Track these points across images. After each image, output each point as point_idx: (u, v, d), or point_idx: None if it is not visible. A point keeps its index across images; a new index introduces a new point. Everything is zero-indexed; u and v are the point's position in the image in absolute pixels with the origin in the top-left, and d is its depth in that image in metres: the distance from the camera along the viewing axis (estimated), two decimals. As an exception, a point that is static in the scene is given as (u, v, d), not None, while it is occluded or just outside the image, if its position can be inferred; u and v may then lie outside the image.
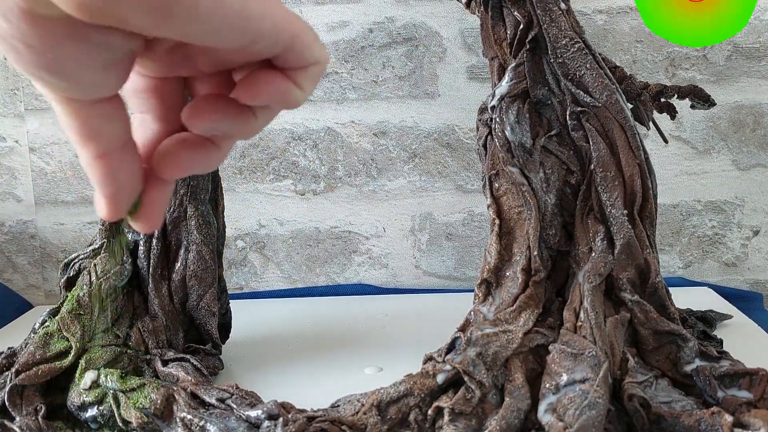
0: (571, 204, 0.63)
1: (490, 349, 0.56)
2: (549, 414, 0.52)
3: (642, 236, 0.61)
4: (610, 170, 0.61)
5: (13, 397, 0.58)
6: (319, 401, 0.56)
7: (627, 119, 0.62)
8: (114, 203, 0.27)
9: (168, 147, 0.28)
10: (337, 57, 1.00)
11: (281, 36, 0.25)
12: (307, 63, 0.27)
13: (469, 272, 1.04)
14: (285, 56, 0.26)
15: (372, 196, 1.03)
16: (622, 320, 0.59)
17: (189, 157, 0.28)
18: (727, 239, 1.02)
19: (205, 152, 0.28)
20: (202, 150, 0.28)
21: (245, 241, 1.05)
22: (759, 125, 0.99)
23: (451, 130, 1.01)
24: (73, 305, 0.65)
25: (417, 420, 0.53)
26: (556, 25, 0.63)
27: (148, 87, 0.28)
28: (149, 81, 0.28)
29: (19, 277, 1.06)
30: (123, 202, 0.27)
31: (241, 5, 0.23)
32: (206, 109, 0.27)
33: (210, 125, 0.27)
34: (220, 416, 0.55)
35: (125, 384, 0.59)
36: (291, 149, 1.02)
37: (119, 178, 0.26)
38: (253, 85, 0.26)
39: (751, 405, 0.53)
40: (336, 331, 0.85)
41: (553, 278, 0.63)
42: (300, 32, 0.26)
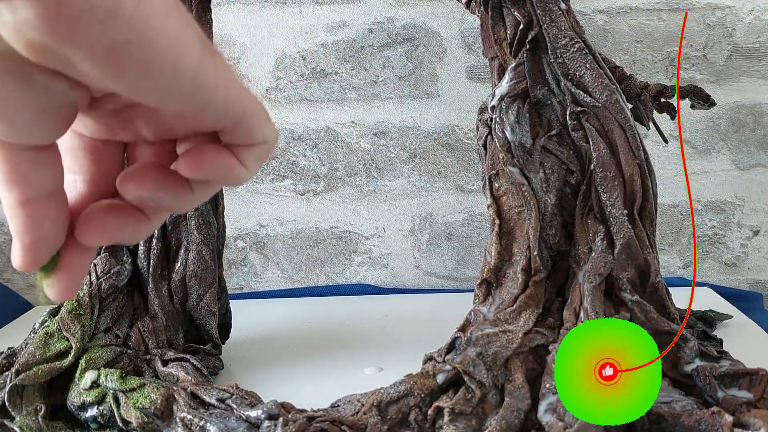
0: (571, 204, 0.63)
1: (490, 349, 0.56)
2: (549, 414, 0.52)
3: (642, 236, 0.61)
4: (610, 170, 0.61)
5: (13, 397, 0.58)
6: (319, 401, 0.56)
7: (627, 119, 0.62)
8: (30, 254, 0.25)
9: (94, 212, 0.26)
10: (337, 57, 1.00)
11: (232, 109, 0.24)
12: (255, 141, 0.26)
13: (469, 272, 1.04)
14: (233, 131, 0.25)
15: (372, 196, 1.03)
16: (622, 320, 0.59)
17: (115, 226, 0.26)
18: (727, 239, 1.02)
19: (133, 222, 0.26)
20: (131, 220, 0.26)
21: (245, 241, 1.05)
22: (759, 125, 0.99)
23: (451, 130, 1.01)
24: (73, 305, 0.65)
25: (417, 420, 0.53)
26: (556, 25, 0.63)
27: (86, 147, 0.27)
28: (87, 141, 0.27)
29: (19, 277, 1.06)
30: (40, 254, 0.25)
31: (196, 70, 0.22)
32: (144, 176, 0.26)
33: (146, 193, 0.26)
34: (220, 416, 0.55)
35: (125, 384, 0.59)
36: (291, 149, 1.02)
37: (40, 228, 0.25)
38: (197, 159, 0.25)
39: (751, 405, 0.53)
40: (336, 331, 0.85)
41: (553, 278, 0.63)
42: (251, 108, 0.25)
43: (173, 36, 0.22)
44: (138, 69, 0.21)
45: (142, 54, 0.21)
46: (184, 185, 0.26)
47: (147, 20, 0.21)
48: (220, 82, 0.24)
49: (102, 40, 0.20)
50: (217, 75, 0.23)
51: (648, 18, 0.97)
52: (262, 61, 1.00)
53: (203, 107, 0.24)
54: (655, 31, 0.97)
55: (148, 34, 0.21)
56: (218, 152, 0.25)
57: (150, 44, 0.21)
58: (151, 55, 0.21)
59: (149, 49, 0.21)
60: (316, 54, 1.00)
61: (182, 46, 0.22)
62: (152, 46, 0.21)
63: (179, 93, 0.23)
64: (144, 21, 0.21)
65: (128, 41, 0.20)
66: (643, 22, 0.97)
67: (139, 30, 0.21)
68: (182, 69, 0.22)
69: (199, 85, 0.23)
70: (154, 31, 0.21)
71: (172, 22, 0.22)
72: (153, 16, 0.21)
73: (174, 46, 0.22)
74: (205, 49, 0.23)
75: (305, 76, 1.01)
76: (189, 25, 0.23)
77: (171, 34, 0.21)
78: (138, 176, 0.26)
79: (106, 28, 0.20)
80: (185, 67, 0.22)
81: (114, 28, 0.20)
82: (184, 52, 0.22)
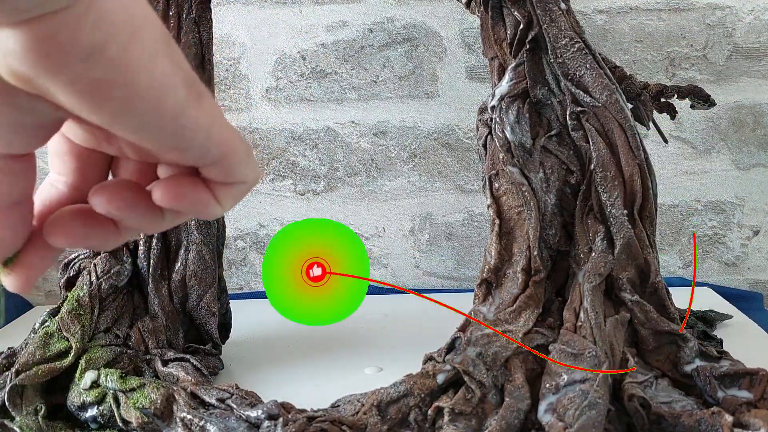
0: (571, 204, 0.63)
1: (490, 349, 0.56)
2: (549, 414, 0.52)
3: (642, 236, 0.61)
4: (610, 170, 0.61)
5: (13, 397, 0.58)
6: (319, 401, 0.56)
7: (627, 119, 0.62)
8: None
9: (64, 215, 0.26)
10: (337, 57, 1.00)
11: (213, 149, 0.24)
12: (233, 180, 0.26)
13: (469, 272, 1.04)
14: (212, 169, 0.25)
15: (372, 196, 1.03)
16: (622, 320, 0.59)
17: (82, 232, 0.26)
18: (727, 239, 1.02)
19: (101, 232, 0.26)
20: (99, 230, 0.26)
21: (245, 241, 1.05)
22: (759, 125, 0.99)
23: (451, 130, 1.01)
24: (73, 305, 0.65)
25: (417, 420, 0.53)
26: (556, 25, 0.63)
27: (72, 152, 0.27)
28: (74, 147, 0.27)
29: (19, 277, 1.06)
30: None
31: (179, 112, 0.22)
32: (117, 194, 0.26)
33: (114, 211, 0.26)
34: (220, 416, 0.55)
35: (125, 384, 0.59)
36: (291, 149, 1.02)
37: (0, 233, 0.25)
38: (173, 190, 0.25)
39: (751, 405, 0.53)
40: (336, 331, 0.85)
41: (553, 278, 0.63)
42: (233, 149, 0.25)
43: (158, 78, 0.22)
44: (118, 107, 0.21)
45: (124, 93, 0.21)
46: (156, 210, 0.26)
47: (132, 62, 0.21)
48: (203, 125, 0.23)
49: (83, 77, 0.20)
50: (199, 118, 0.23)
51: (648, 18, 0.97)
52: (262, 61, 1.00)
53: (184, 149, 0.24)
54: (655, 31, 0.97)
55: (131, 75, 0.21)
56: (195, 186, 0.25)
57: (132, 85, 0.21)
58: (133, 95, 0.21)
59: (131, 90, 0.21)
60: (316, 54, 1.00)
61: (167, 89, 0.22)
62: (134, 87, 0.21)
63: (159, 133, 0.23)
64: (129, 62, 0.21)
65: (110, 81, 0.21)
66: (643, 22, 0.97)
67: (122, 70, 0.21)
68: (164, 111, 0.22)
69: (181, 127, 0.23)
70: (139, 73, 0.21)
71: (159, 65, 0.22)
72: (139, 59, 0.21)
73: (158, 88, 0.22)
74: (191, 91, 0.23)
75: (305, 76, 1.01)
76: (178, 68, 0.22)
77: (156, 76, 0.21)
78: (111, 192, 0.25)
79: (89, 66, 0.20)
80: (167, 110, 0.22)
81: (97, 67, 0.20)
82: (168, 94, 0.22)
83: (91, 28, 0.20)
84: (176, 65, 0.22)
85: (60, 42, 0.19)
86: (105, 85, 0.21)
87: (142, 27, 0.21)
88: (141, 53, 0.21)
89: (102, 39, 0.20)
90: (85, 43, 0.20)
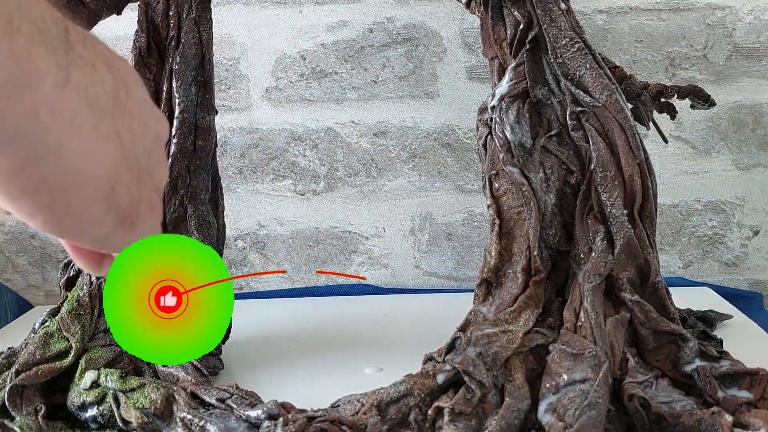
0: (571, 204, 0.63)
1: (490, 349, 0.56)
2: (549, 414, 0.52)
3: (642, 236, 0.61)
4: (610, 170, 0.61)
5: (13, 397, 0.58)
6: (319, 401, 0.56)
7: (627, 119, 0.62)
8: None
9: None
10: (337, 57, 1.00)
11: None
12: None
13: (469, 272, 1.04)
14: None
15: (372, 196, 1.03)
16: (622, 320, 0.59)
17: None
18: (727, 239, 1.02)
19: None
20: None
21: (245, 241, 1.05)
22: (759, 125, 0.99)
23: (451, 130, 1.01)
24: (73, 305, 0.65)
25: (417, 420, 0.53)
26: (556, 25, 0.63)
27: None
28: None
29: (19, 277, 1.06)
30: None
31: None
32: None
33: None
34: (220, 416, 0.55)
35: (125, 384, 0.59)
36: (291, 149, 1.02)
37: None
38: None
39: (751, 405, 0.53)
40: (336, 331, 0.85)
41: (553, 278, 0.63)
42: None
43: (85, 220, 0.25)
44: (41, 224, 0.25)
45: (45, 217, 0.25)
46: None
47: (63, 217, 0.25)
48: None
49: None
50: None
51: (648, 18, 0.97)
52: (262, 61, 1.00)
53: None
54: (655, 31, 0.97)
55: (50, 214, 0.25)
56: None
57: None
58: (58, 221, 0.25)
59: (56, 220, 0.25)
60: (316, 54, 1.00)
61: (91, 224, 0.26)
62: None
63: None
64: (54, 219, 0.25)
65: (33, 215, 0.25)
66: (643, 22, 0.97)
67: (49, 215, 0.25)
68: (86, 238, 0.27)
69: None
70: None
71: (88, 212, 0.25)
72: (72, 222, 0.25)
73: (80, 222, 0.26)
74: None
75: (305, 76, 1.01)
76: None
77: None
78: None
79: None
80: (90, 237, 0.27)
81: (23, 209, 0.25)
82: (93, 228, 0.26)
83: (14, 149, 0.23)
84: (111, 207, 0.26)
85: None
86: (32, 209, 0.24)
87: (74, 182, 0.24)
88: (70, 205, 0.25)
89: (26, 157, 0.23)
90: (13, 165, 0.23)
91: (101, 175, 0.25)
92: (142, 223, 0.27)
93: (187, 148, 0.70)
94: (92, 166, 0.24)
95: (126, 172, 0.26)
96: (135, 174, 0.26)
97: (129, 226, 0.27)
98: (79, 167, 0.24)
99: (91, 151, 0.24)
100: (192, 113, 0.70)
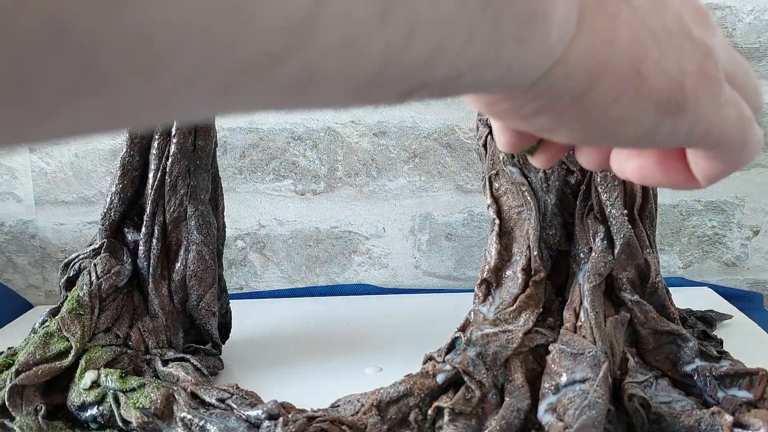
0: (571, 204, 0.63)
1: (490, 349, 0.56)
2: (549, 414, 0.52)
3: (642, 236, 0.61)
4: (610, 170, 0.61)
5: (13, 397, 0.58)
6: (319, 401, 0.56)
7: (627, 119, 0.62)
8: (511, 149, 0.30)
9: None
10: (337, 57, 1.00)
11: (698, 143, 0.24)
12: (719, 168, 0.25)
13: (469, 272, 1.04)
14: (696, 153, 0.25)
15: (372, 196, 1.03)
16: (622, 320, 0.59)
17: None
18: (727, 239, 1.02)
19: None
20: None
21: (245, 241, 1.05)
22: (759, 125, 0.99)
23: (451, 130, 1.01)
24: (73, 305, 0.65)
25: (417, 420, 0.53)
26: (556, 25, 0.63)
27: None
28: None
29: (19, 277, 1.06)
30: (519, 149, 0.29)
31: (641, 135, 0.22)
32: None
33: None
34: (220, 416, 0.55)
35: (125, 384, 0.59)
36: (291, 149, 1.02)
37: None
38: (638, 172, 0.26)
39: (751, 405, 0.53)
40: (336, 331, 0.85)
41: (553, 278, 0.63)
42: (724, 143, 0.24)
43: (614, 119, 0.22)
44: (568, 138, 0.23)
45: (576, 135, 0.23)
46: None
47: (583, 111, 0.21)
48: (682, 131, 0.23)
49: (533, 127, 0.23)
50: (677, 126, 0.22)
51: (648, 18, 0.97)
52: (262, 61, 1.00)
53: (648, 149, 0.25)
54: (655, 31, 0.97)
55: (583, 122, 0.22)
56: (668, 166, 0.26)
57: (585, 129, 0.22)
58: (587, 135, 0.22)
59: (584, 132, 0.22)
60: (316, 54, 1.00)
61: (624, 124, 0.22)
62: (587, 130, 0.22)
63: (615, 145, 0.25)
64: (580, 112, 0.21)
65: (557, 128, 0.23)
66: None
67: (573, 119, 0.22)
68: (622, 139, 0.23)
69: (645, 142, 0.23)
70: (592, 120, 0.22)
71: (617, 107, 0.21)
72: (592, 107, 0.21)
73: (614, 126, 0.22)
74: (666, 110, 0.22)
75: (305, 76, 1.00)
76: (647, 96, 0.21)
77: (613, 117, 0.22)
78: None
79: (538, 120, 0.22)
80: (626, 138, 0.22)
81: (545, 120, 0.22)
82: (627, 127, 0.22)
83: (534, 98, 0.21)
84: (642, 97, 0.21)
85: (508, 107, 0.21)
86: (551, 129, 0.22)
87: (597, 79, 0.20)
88: (590, 104, 0.21)
89: (547, 103, 0.21)
90: (532, 107, 0.21)
91: (620, 58, 0.20)
92: (693, 101, 0.22)
93: (187, 148, 0.70)
94: None
95: (652, 46, 0.21)
96: (665, 44, 0.21)
97: (675, 110, 0.22)
98: None
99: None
100: (192, 113, 0.70)
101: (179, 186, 0.70)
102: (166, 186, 0.70)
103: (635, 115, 0.21)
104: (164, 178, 0.70)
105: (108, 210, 0.71)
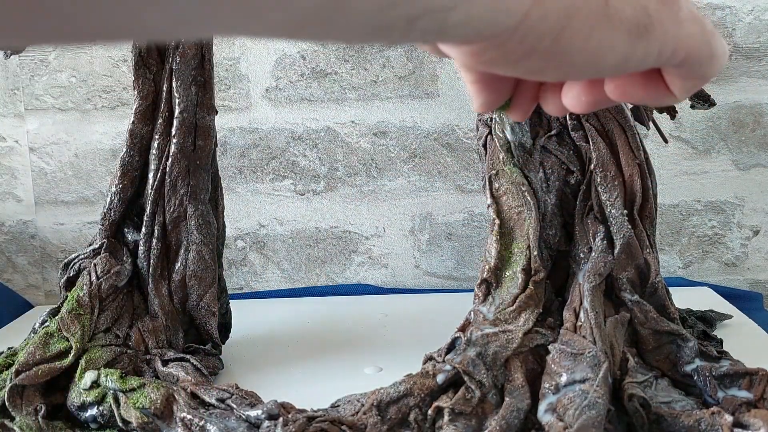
0: (571, 204, 0.63)
1: (490, 349, 0.56)
2: (549, 414, 0.52)
3: (642, 236, 0.61)
4: (610, 170, 0.61)
5: (13, 397, 0.58)
6: (319, 401, 0.56)
7: (627, 119, 0.62)
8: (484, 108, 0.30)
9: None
10: (337, 57, 1.00)
11: (670, 60, 0.26)
12: (690, 78, 0.27)
13: (469, 272, 1.04)
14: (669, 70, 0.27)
15: (372, 196, 1.03)
16: (622, 320, 0.59)
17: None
18: (727, 239, 1.02)
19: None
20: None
21: (245, 241, 1.05)
22: (759, 125, 0.99)
23: (451, 130, 1.01)
24: (73, 305, 0.65)
25: (417, 420, 0.53)
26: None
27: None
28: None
29: (19, 277, 1.06)
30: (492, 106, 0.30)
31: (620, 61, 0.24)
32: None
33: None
34: (220, 416, 0.55)
35: (125, 384, 0.59)
36: (291, 149, 1.02)
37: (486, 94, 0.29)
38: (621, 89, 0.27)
39: (751, 405, 0.53)
40: (336, 331, 0.85)
41: (553, 278, 0.63)
42: (692, 56, 0.26)
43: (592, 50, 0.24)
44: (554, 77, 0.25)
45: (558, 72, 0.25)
46: None
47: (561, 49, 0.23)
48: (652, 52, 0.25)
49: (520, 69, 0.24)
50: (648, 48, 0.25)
51: (648, 18, 0.97)
52: (262, 61, 1.00)
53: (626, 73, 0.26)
54: (655, 31, 0.97)
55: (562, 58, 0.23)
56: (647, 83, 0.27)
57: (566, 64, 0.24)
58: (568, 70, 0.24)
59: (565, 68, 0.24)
60: (316, 54, 1.00)
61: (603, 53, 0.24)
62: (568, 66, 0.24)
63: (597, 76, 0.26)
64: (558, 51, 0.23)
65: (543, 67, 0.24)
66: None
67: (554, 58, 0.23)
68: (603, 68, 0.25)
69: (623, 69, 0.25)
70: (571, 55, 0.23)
71: (593, 39, 0.23)
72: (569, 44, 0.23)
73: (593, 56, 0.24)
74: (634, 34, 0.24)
75: (305, 76, 1.01)
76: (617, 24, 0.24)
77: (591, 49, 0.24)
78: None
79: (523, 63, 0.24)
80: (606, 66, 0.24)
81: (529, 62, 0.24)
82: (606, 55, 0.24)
83: (520, 41, 0.22)
84: (614, 26, 0.24)
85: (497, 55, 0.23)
86: (539, 70, 0.24)
87: (572, 16, 0.23)
88: (570, 39, 0.23)
89: (530, 44, 0.23)
90: (518, 51, 0.23)
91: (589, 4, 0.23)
92: (658, 21, 0.24)
93: (187, 148, 0.70)
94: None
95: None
96: None
97: (644, 32, 0.24)
98: None
99: None
100: (192, 113, 0.70)
101: (179, 186, 0.70)
102: (166, 186, 0.70)
103: (611, 44, 0.24)
104: (164, 178, 0.70)
105: (108, 210, 0.71)
